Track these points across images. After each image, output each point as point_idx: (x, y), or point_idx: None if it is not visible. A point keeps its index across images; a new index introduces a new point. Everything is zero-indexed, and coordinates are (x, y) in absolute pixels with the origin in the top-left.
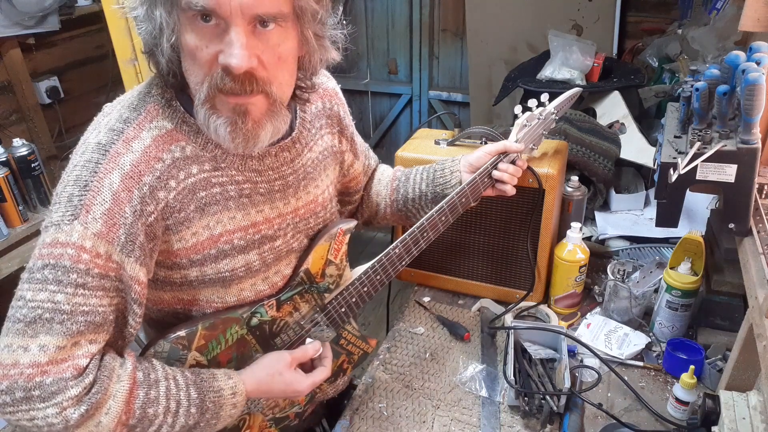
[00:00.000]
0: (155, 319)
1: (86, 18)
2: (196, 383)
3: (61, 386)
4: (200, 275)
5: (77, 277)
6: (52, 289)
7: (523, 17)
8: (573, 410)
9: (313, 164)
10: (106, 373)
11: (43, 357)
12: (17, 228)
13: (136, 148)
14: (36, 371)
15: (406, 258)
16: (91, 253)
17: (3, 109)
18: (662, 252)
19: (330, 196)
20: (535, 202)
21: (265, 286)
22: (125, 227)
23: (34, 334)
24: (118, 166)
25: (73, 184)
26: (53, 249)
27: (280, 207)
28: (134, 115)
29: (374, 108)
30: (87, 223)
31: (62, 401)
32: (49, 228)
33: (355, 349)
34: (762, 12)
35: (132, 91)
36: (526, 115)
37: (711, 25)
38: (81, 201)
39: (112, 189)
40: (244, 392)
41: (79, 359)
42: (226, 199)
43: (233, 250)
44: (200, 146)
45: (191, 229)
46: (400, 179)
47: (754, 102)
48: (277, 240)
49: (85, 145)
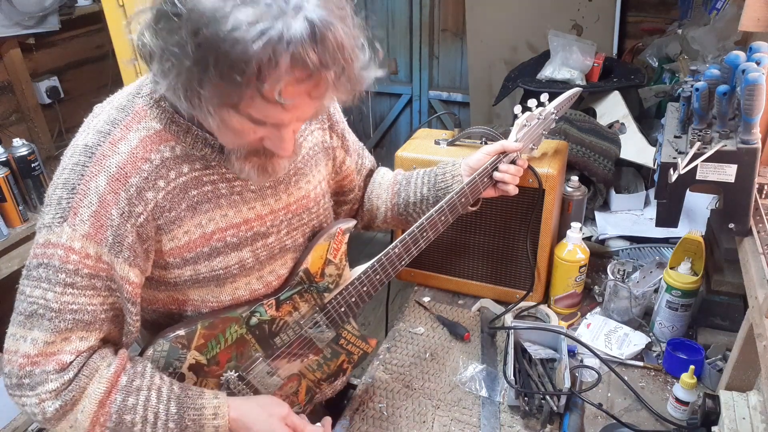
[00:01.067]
0: (150, 320)
1: (86, 18)
2: (179, 398)
3: (43, 378)
4: (194, 274)
5: (66, 277)
6: (44, 287)
7: (523, 17)
8: (573, 410)
9: (304, 160)
10: (87, 372)
11: (33, 349)
12: (17, 228)
13: (122, 150)
14: (26, 361)
15: (406, 258)
16: (81, 254)
17: (3, 109)
18: (662, 252)
19: (323, 192)
20: (535, 202)
21: (259, 285)
22: (112, 229)
23: (31, 327)
24: (104, 168)
25: (62, 186)
26: (45, 249)
27: (272, 203)
28: (122, 116)
29: (374, 108)
30: (75, 225)
31: (41, 393)
32: (42, 229)
33: (354, 349)
34: (762, 12)
35: (122, 91)
36: (525, 115)
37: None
38: (69, 203)
39: (99, 192)
40: (226, 416)
41: (64, 355)
42: (218, 197)
43: (226, 247)
44: (190, 145)
45: (183, 227)
46: (401, 183)
47: (754, 102)
48: (269, 237)
49: (74, 147)
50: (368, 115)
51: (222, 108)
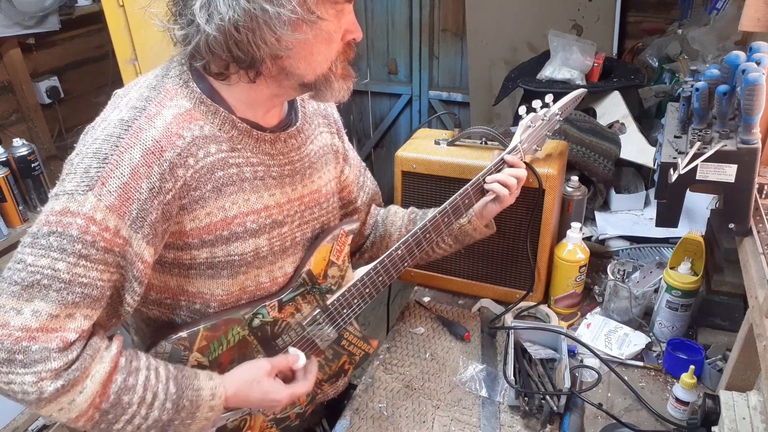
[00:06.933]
0: (153, 318)
1: (86, 18)
2: (177, 378)
3: (44, 356)
4: (210, 257)
5: (82, 248)
6: (55, 256)
7: (523, 17)
8: (573, 410)
9: (317, 156)
10: (90, 352)
11: (34, 322)
12: (17, 228)
13: (158, 124)
14: (24, 335)
15: (408, 259)
16: (100, 225)
17: (3, 109)
18: (662, 252)
19: (332, 191)
20: (535, 202)
21: (267, 280)
22: (139, 202)
23: (30, 298)
24: (140, 141)
25: (92, 156)
26: (63, 217)
27: (289, 192)
28: (154, 94)
29: (374, 108)
30: (101, 196)
31: (41, 371)
32: (61, 196)
33: (356, 350)
34: (762, 12)
35: (147, 74)
36: (530, 116)
37: (711, 25)
38: (99, 173)
39: (132, 164)
40: (223, 396)
41: (68, 333)
42: (242, 181)
43: (245, 233)
44: (217, 127)
45: (206, 208)
46: (418, 214)
47: (754, 102)
48: (284, 226)
49: (107, 121)
50: (368, 115)
51: (319, 6)
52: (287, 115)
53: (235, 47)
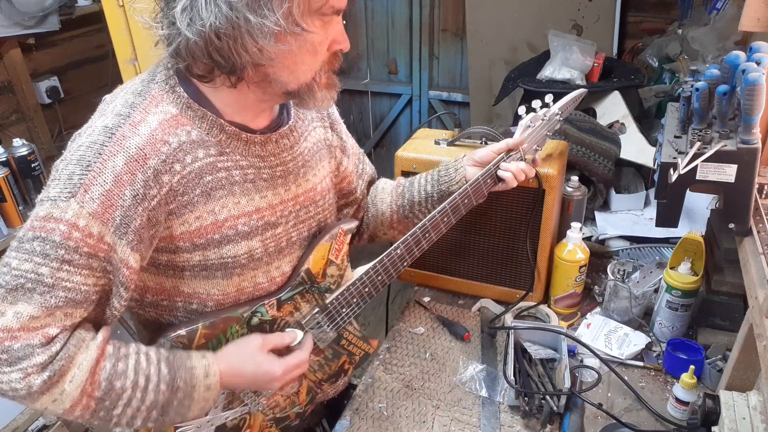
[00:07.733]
0: (150, 319)
1: (86, 18)
2: (168, 359)
3: (27, 352)
4: (203, 260)
5: (64, 253)
6: (38, 261)
7: (523, 17)
8: (573, 410)
9: (310, 153)
10: (74, 342)
11: (15, 323)
12: (17, 228)
13: (142, 131)
14: (6, 336)
15: (408, 258)
16: (83, 232)
17: (3, 109)
18: (662, 252)
19: (328, 187)
20: (535, 202)
21: (264, 280)
22: (122, 209)
23: (14, 301)
24: (123, 149)
25: (75, 163)
26: (46, 223)
27: (282, 193)
28: (139, 100)
29: (374, 108)
30: (83, 203)
31: (27, 367)
32: (45, 202)
33: (356, 349)
34: (762, 12)
35: (134, 79)
36: (530, 116)
37: (711, 25)
38: (81, 180)
39: (115, 171)
40: (217, 373)
41: (49, 328)
42: (231, 184)
43: (237, 236)
44: (205, 131)
45: (195, 213)
46: (405, 185)
47: (754, 102)
48: (278, 227)
49: (92, 128)
50: (368, 115)
51: (305, 18)
52: (278, 115)
53: (215, 53)
